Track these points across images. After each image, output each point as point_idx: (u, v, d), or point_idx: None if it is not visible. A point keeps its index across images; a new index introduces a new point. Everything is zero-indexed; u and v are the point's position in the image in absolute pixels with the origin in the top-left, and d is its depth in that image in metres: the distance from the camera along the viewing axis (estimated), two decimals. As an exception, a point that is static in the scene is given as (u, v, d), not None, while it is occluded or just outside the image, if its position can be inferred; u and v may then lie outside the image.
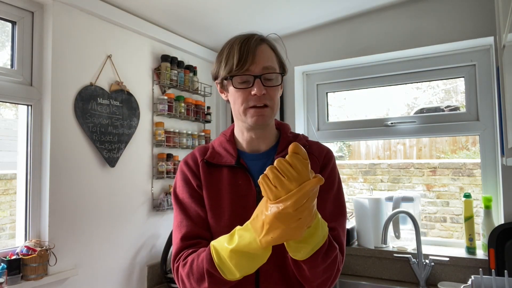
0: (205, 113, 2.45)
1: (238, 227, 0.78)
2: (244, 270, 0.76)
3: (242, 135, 1.00)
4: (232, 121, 2.61)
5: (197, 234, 0.92)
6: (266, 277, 0.90)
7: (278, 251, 0.84)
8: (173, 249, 0.94)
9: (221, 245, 0.78)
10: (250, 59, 0.90)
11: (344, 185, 4.10)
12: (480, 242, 1.89)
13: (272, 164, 0.71)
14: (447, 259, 1.86)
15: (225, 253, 0.76)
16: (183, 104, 2.25)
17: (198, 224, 0.93)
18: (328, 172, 0.98)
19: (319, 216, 0.77)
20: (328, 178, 0.97)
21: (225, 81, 0.96)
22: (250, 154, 1.00)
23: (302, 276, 0.84)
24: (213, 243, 0.81)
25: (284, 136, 1.02)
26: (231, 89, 0.95)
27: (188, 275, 0.85)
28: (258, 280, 0.90)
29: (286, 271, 0.91)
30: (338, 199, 0.97)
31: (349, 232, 2.16)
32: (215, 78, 1.00)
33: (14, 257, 1.45)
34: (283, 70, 0.99)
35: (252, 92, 0.90)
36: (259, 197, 0.92)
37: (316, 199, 0.70)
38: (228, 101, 1.00)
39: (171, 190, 1.03)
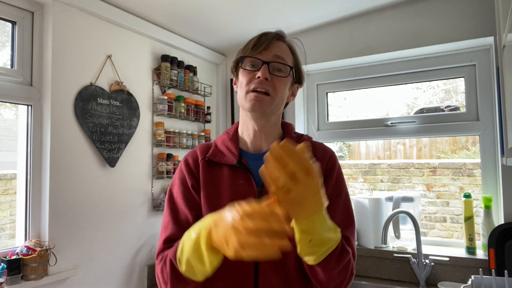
0: (205, 113, 2.45)
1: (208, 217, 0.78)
2: (201, 271, 0.78)
3: (246, 129, 1.00)
4: (232, 121, 2.62)
5: (180, 238, 0.93)
6: (265, 278, 0.90)
7: None
8: (156, 249, 0.96)
9: (186, 236, 0.80)
10: (265, 46, 0.93)
11: (344, 185, 4.08)
12: (480, 242, 1.89)
13: None
14: (447, 259, 1.86)
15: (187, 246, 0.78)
16: (183, 104, 2.25)
17: (184, 228, 0.92)
18: (335, 178, 0.97)
19: (330, 221, 0.78)
20: (335, 183, 0.96)
21: (238, 66, 0.98)
22: (252, 153, 0.99)
23: (316, 280, 0.85)
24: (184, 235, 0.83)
25: (288, 136, 1.01)
26: (240, 71, 0.97)
27: (162, 269, 0.87)
28: (257, 281, 0.90)
29: (285, 272, 0.90)
30: (347, 205, 0.97)
31: (349, 232, 2.16)
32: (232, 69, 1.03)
33: (14, 257, 1.45)
34: (298, 76, 1.01)
35: (256, 75, 0.92)
36: (260, 197, 0.92)
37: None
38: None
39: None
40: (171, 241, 0.92)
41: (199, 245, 0.76)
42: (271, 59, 0.93)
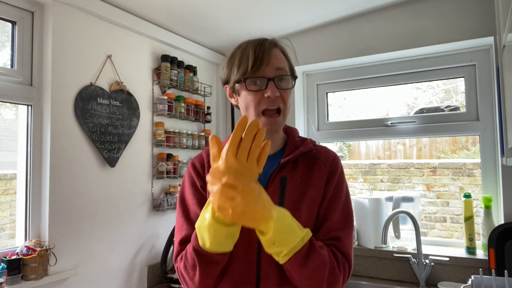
0: (205, 113, 2.45)
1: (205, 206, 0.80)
2: (227, 241, 0.79)
3: None
4: (233, 121, 2.61)
5: None
6: (266, 277, 0.90)
7: None
8: (173, 252, 0.96)
9: (199, 222, 0.81)
10: (266, 61, 0.91)
11: (344, 185, 4.08)
12: (480, 242, 1.89)
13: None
14: (447, 259, 1.86)
15: (203, 227, 0.79)
16: (183, 104, 2.25)
17: None
18: (336, 181, 0.97)
19: (292, 220, 0.78)
20: (336, 186, 0.97)
21: (237, 85, 0.95)
22: None
23: (292, 278, 0.85)
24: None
25: (292, 140, 1.02)
26: (243, 93, 0.95)
27: (185, 265, 0.87)
28: (259, 280, 0.90)
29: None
30: (346, 207, 0.97)
31: (349, 232, 2.16)
32: (225, 82, 1.00)
33: (14, 257, 1.45)
34: (293, 76, 1.01)
35: (266, 95, 0.91)
36: None
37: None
38: (237, 106, 1.00)
39: (178, 191, 1.05)
40: (186, 242, 0.92)
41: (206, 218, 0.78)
42: (275, 74, 0.92)
